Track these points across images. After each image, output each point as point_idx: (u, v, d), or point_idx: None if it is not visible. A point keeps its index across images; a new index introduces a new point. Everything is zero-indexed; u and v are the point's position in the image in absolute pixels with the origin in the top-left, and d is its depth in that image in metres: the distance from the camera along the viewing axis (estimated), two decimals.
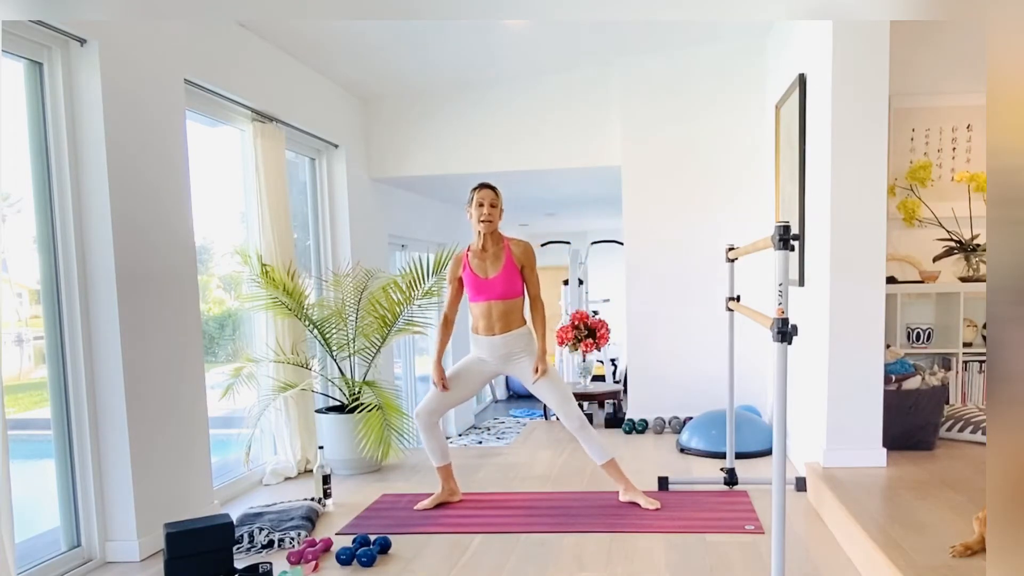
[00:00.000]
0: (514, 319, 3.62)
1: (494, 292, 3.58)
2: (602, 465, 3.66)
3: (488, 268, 3.60)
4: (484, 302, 3.59)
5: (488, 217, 3.55)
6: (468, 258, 3.64)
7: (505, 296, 3.58)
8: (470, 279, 3.61)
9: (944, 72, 4.41)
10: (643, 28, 4.76)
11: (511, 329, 3.61)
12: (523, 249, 3.63)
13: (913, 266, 4.45)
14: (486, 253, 3.62)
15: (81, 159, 3.09)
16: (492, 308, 3.59)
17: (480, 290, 3.59)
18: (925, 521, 2.83)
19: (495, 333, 3.61)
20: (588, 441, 3.61)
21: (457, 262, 3.68)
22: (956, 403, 4.34)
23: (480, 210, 3.55)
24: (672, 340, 5.45)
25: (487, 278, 3.59)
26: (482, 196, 3.56)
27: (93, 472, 3.14)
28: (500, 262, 3.59)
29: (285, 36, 4.42)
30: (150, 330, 3.33)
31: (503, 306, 3.59)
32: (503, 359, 3.64)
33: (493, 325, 3.60)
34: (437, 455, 3.77)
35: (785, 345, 2.22)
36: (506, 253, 3.60)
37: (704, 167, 5.33)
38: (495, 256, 3.61)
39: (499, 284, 3.58)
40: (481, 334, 3.64)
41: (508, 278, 3.58)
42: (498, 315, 3.59)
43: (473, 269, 3.61)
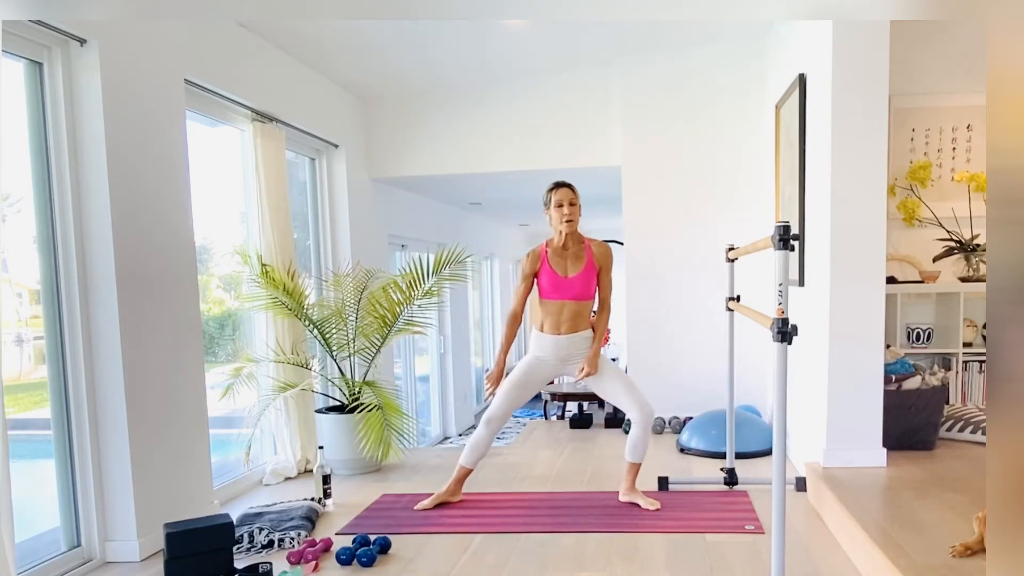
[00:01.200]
0: (582, 321, 3.62)
1: (571, 292, 3.57)
2: (629, 461, 3.66)
3: (568, 267, 3.58)
4: (559, 300, 3.58)
5: (571, 216, 3.53)
6: (547, 255, 3.61)
7: (581, 297, 3.58)
8: (548, 276, 3.58)
9: (944, 72, 4.41)
10: (643, 28, 4.76)
11: (578, 330, 3.61)
12: (604, 251, 3.62)
13: (913, 266, 4.45)
14: (567, 252, 3.60)
15: (81, 159, 3.09)
16: (565, 308, 3.58)
17: (557, 288, 3.57)
18: (925, 521, 2.83)
19: (561, 333, 3.60)
20: (640, 437, 3.59)
21: (536, 257, 3.64)
22: (956, 403, 4.34)
23: (561, 211, 3.53)
24: (672, 340, 5.45)
25: (567, 277, 3.57)
26: (561, 196, 3.53)
27: (93, 472, 3.14)
28: (581, 262, 3.58)
29: (285, 36, 4.42)
30: (150, 330, 3.33)
31: (576, 307, 3.59)
32: (563, 360, 3.64)
33: (561, 324, 3.59)
34: (474, 457, 3.73)
35: (785, 345, 2.22)
36: (587, 253, 3.59)
37: (704, 167, 5.33)
38: (576, 255, 3.59)
39: (577, 284, 3.56)
40: (547, 332, 3.62)
41: (586, 279, 3.57)
42: (568, 315, 3.58)
43: (552, 266, 3.59)
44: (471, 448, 3.72)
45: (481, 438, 3.70)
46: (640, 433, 3.58)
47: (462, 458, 3.76)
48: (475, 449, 3.72)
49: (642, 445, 3.61)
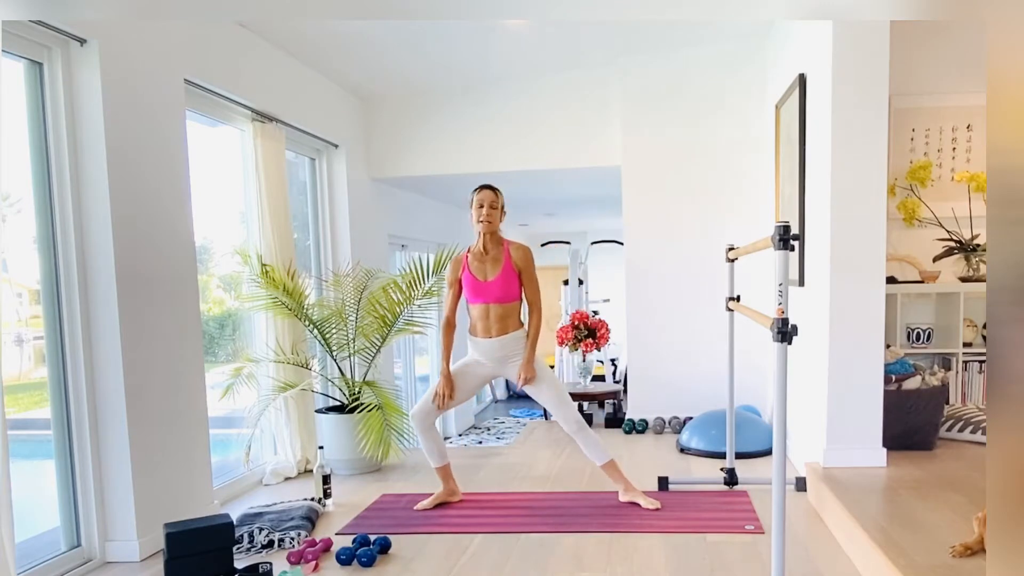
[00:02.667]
0: (511, 322, 3.63)
1: (492, 295, 3.58)
2: (602, 466, 3.66)
3: (488, 271, 3.60)
4: (482, 304, 3.60)
5: (487, 218, 3.55)
6: (468, 260, 3.64)
7: (503, 299, 3.59)
8: (469, 281, 3.61)
9: (944, 72, 4.41)
10: (643, 28, 4.76)
11: (508, 331, 3.61)
12: (522, 254, 3.62)
13: (913, 266, 4.45)
14: (486, 256, 3.62)
15: (81, 159, 3.09)
16: (490, 311, 3.60)
17: (478, 292, 3.59)
18: (925, 521, 2.83)
19: (492, 335, 3.61)
20: (587, 443, 3.61)
21: (457, 264, 3.68)
22: (956, 403, 4.34)
23: (480, 211, 3.56)
24: (672, 340, 5.45)
25: (486, 281, 3.59)
26: (482, 197, 3.56)
27: (93, 472, 3.14)
28: (499, 265, 3.60)
29: (285, 36, 4.42)
30: (150, 330, 3.33)
31: (501, 309, 3.60)
32: (500, 361, 3.65)
33: (491, 327, 3.61)
34: (435, 456, 3.77)
35: (785, 345, 2.22)
36: (505, 256, 3.60)
37: (704, 167, 5.33)
38: (495, 259, 3.61)
39: (497, 287, 3.58)
40: (479, 336, 3.64)
41: (506, 281, 3.58)
42: (496, 318, 3.60)
43: (472, 271, 3.61)
44: (426, 452, 3.77)
45: (424, 439, 3.72)
46: (581, 438, 3.59)
47: (431, 462, 3.79)
48: (429, 451, 3.75)
49: (593, 444, 3.61)
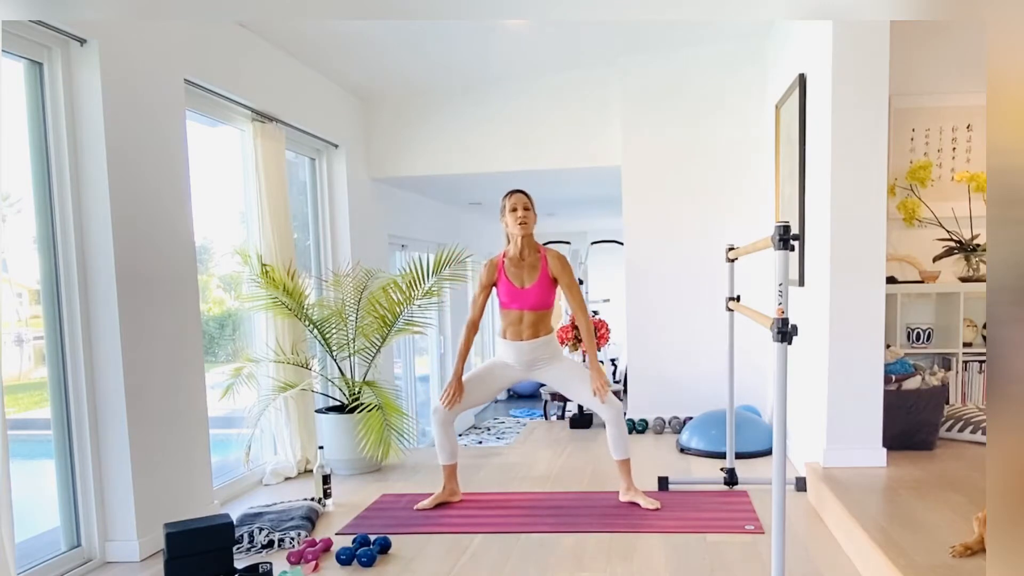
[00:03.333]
0: (543, 327, 3.63)
1: (528, 302, 3.57)
2: (617, 461, 3.66)
3: (524, 278, 3.59)
4: (517, 310, 3.59)
5: (524, 219, 3.54)
6: (504, 265, 3.62)
7: (538, 307, 3.59)
8: (505, 287, 3.60)
9: (944, 72, 4.41)
10: (643, 28, 4.76)
11: (539, 335, 3.61)
12: (559, 262, 3.60)
13: (913, 266, 4.45)
14: (523, 262, 3.61)
15: (81, 159, 3.09)
16: (523, 317, 3.59)
17: (514, 298, 3.58)
18: (925, 521, 2.83)
19: (523, 339, 3.61)
20: (617, 434, 3.59)
21: (492, 267, 3.65)
22: (956, 403, 4.34)
23: (515, 215, 3.54)
24: (672, 340, 5.45)
25: (523, 288, 3.58)
26: (515, 201, 3.55)
27: (93, 472, 3.14)
28: (537, 272, 3.58)
29: (285, 36, 4.42)
30: (150, 330, 3.33)
31: (535, 316, 3.59)
32: (528, 364, 3.64)
33: (522, 332, 3.60)
34: (446, 453, 3.75)
35: (785, 345, 2.22)
36: (543, 264, 3.59)
37: (704, 167, 5.33)
38: (532, 266, 3.60)
39: (534, 295, 3.57)
40: (509, 339, 3.63)
41: (543, 290, 3.57)
42: (528, 323, 3.60)
43: (509, 277, 3.59)
44: (439, 447, 3.75)
45: (438, 434, 3.71)
46: (615, 430, 3.59)
47: (439, 459, 3.78)
48: (442, 447, 3.74)
49: (622, 440, 3.61)
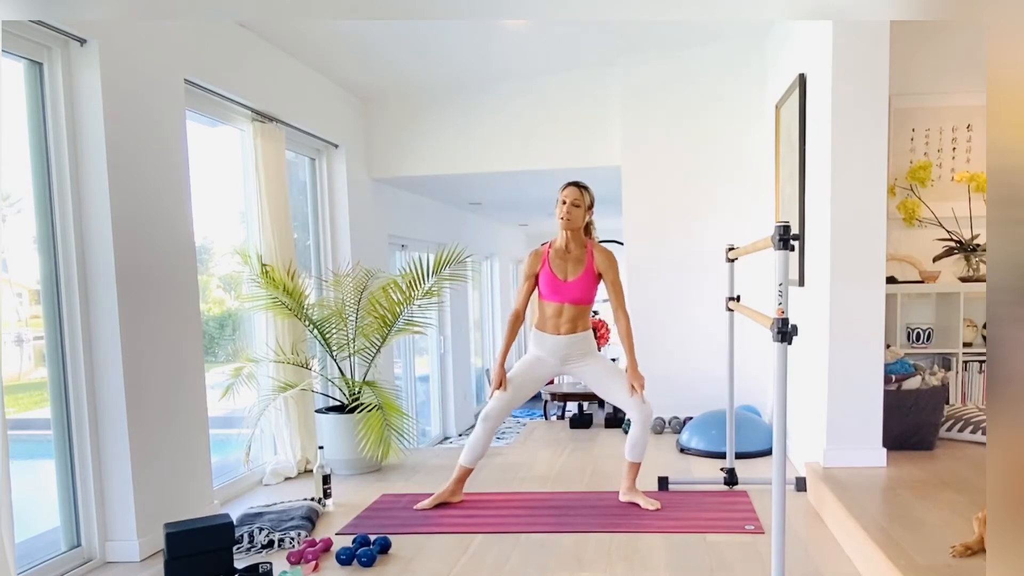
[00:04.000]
0: (581, 323, 3.62)
1: (570, 295, 3.56)
2: (629, 461, 3.66)
3: (569, 270, 3.58)
4: (558, 303, 3.57)
5: (567, 215, 3.53)
6: (549, 255, 3.61)
7: (580, 301, 3.57)
8: (548, 278, 3.58)
9: (944, 72, 4.41)
10: (643, 28, 4.76)
11: (577, 331, 3.60)
12: (606, 257, 3.59)
13: (913, 266, 4.45)
14: (568, 254, 3.60)
15: (81, 159, 3.08)
16: (564, 310, 3.58)
17: (556, 291, 3.57)
18: (925, 521, 2.83)
19: (560, 333, 3.59)
20: (639, 436, 3.58)
21: (537, 257, 3.64)
22: (956, 403, 4.34)
23: (562, 207, 3.54)
24: (672, 340, 5.44)
25: (566, 280, 3.56)
26: (565, 194, 3.55)
27: (93, 472, 3.14)
28: (581, 266, 3.57)
29: (285, 36, 4.42)
30: (150, 330, 3.33)
31: (575, 310, 3.58)
32: (563, 359, 3.64)
33: (560, 325, 3.59)
34: (473, 457, 3.72)
35: (785, 345, 2.22)
36: (588, 258, 3.58)
37: (704, 167, 5.33)
38: (577, 259, 3.58)
39: (577, 288, 3.56)
40: (547, 332, 3.62)
41: (586, 284, 3.57)
42: (568, 317, 3.58)
43: (553, 268, 3.58)
44: (470, 447, 3.72)
45: (479, 436, 3.69)
46: (640, 432, 3.58)
47: (462, 458, 3.75)
48: (473, 448, 3.71)
49: (641, 444, 3.61)
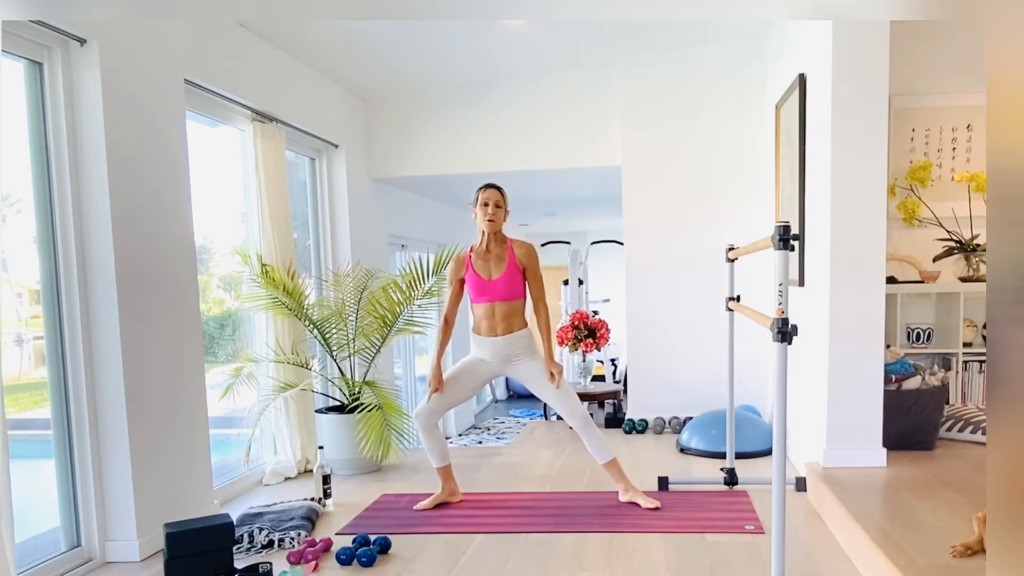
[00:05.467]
0: (516, 321, 3.62)
1: (497, 293, 3.58)
2: (603, 464, 3.66)
3: (492, 269, 3.60)
4: (487, 303, 3.59)
5: (492, 216, 3.55)
6: (471, 259, 3.64)
7: (508, 297, 3.58)
8: (473, 280, 3.61)
9: (944, 72, 4.41)
10: (643, 28, 4.76)
11: (513, 331, 3.61)
12: (526, 251, 3.62)
13: (913, 266, 4.45)
14: (489, 254, 3.62)
15: (81, 159, 3.09)
16: (495, 309, 3.59)
17: (483, 291, 3.59)
18: (925, 521, 2.83)
19: (497, 334, 3.60)
20: (591, 439, 3.61)
21: (459, 262, 3.67)
22: (956, 403, 4.34)
23: (485, 210, 3.56)
24: (672, 340, 5.45)
25: (490, 279, 3.58)
26: (487, 196, 3.56)
27: (93, 472, 3.14)
28: (503, 263, 3.59)
29: (285, 36, 4.42)
30: (150, 330, 3.33)
31: (506, 307, 3.59)
32: (504, 360, 3.64)
33: (496, 326, 3.60)
34: (437, 456, 3.77)
35: (785, 345, 2.22)
36: (509, 254, 3.60)
37: (704, 167, 5.33)
38: (498, 257, 3.61)
39: (502, 286, 3.57)
40: (483, 335, 3.63)
41: (511, 280, 3.58)
42: (501, 316, 3.59)
43: (476, 270, 3.61)
44: (428, 451, 3.77)
45: (425, 438, 3.72)
46: (587, 435, 3.60)
47: (432, 462, 3.79)
48: (430, 449, 3.76)
49: (597, 442, 3.61)
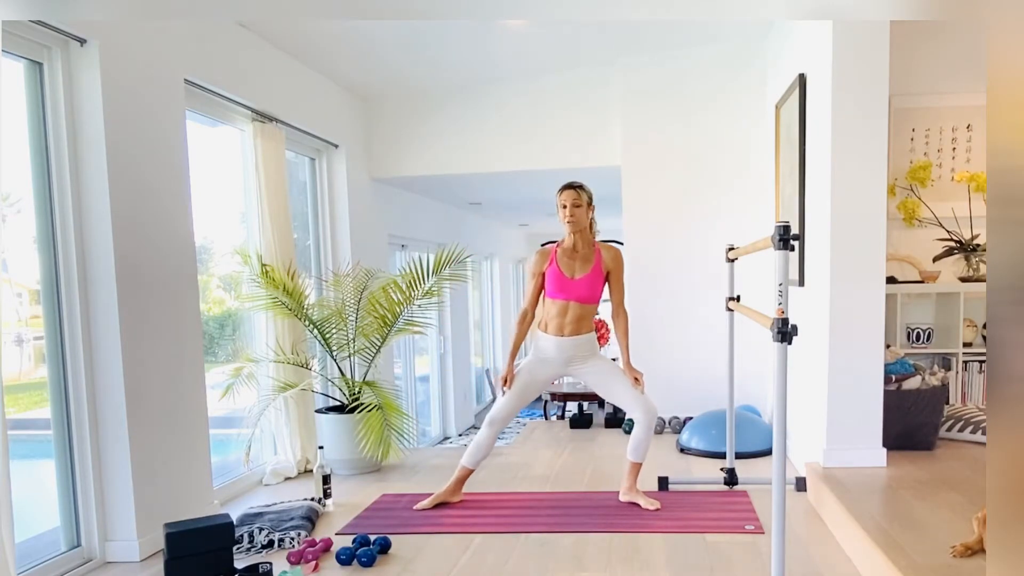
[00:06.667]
0: (585, 324, 3.63)
1: (577, 293, 3.57)
2: (631, 461, 3.66)
3: (576, 268, 3.60)
4: (563, 301, 3.58)
5: (571, 217, 3.56)
6: (557, 255, 3.63)
7: (586, 299, 3.59)
8: (555, 276, 3.60)
9: (944, 72, 4.41)
10: (643, 28, 4.76)
11: (581, 333, 3.61)
12: (614, 255, 3.63)
13: (913, 266, 4.45)
14: (576, 253, 3.62)
15: (81, 159, 3.08)
16: (570, 309, 3.59)
17: (563, 288, 3.58)
18: (925, 521, 2.83)
19: (564, 334, 3.60)
20: (644, 438, 3.59)
21: (544, 256, 3.66)
22: (956, 403, 4.34)
23: (563, 211, 3.57)
24: (672, 340, 5.44)
25: (573, 278, 3.58)
26: (564, 198, 3.58)
27: (93, 472, 3.14)
28: (589, 264, 3.59)
29: (285, 36, 4.42)
30: (150, 330, 3.33)
31: (581, 309, 3.59)
32: (567, 361, 3.64)
33: (565, 326, 3.59)
34: (475, 459, 3.74)
35: (785, 345, 2.22)
36: (596, 256, 3.61)
37: (704, 167, 5.33)
38: (585, 258, 3.61)
39: (584, 286, 3.57)
40: (551, 333, 3.62)
41: (593, 282, 3.58)
42: (573, 317, 3.59)
43: (560, 267, 3.60)
44: (474, 449, 3.73)
45: (484, 439, 3.71)
46: (643, 433, 3.59)
47: (464, 458, 3.76)
48: (478, 450, 3.72)
49: (644, 445, 3.61)
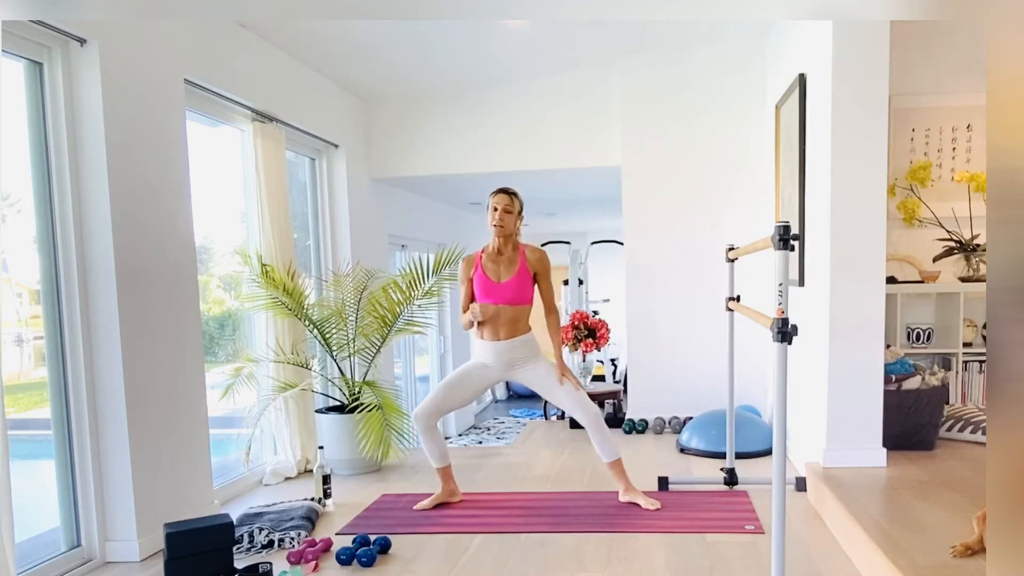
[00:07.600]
0: (520, 326, 3.62)
1: (504, 296, 3.57)
2: (608, 463, 3.66)
3: (501, 272, 3.59)
4: (492, 305, 3.58)
5: (500, 222, 3.55)
6: (481, 260, 3.63)
7: (515, 301, 3.57)
8: (481, 281, 3.60)
9: (944, 72, 4.41)
10: (643, 28, 4.76)
11: (517, 335, 3.61)
12: (538, 257, 3.62)
13: (913, 266, 4.45)
14: (501, 257, 3.62)
15: (81, 159, 3.09)
16: (500, 313, 3.58)
17: (490, 293, 3.58)
18: (925, 521, 2.83)
19: (500, 339, 3.59)
20: (600, 438, 3.60)
21: (469, 263, 3.66)
22: (956, 403, 4.34)
23: (494, 214, 3.56)
24: (672, 340, 5.45)
25: (499, 282, 3.58)
26: (496, 201, 3.57)
27: (93, 472, 3.14)
28: (514, 267, 3.59)
29: (285, 36, 4.42)
30: (150, 330, 3.33)
31: (512, 312, 3.58)
32: (507, 365, 3.64)
33: (499, 330, 3.59)
34: (436, 456, 3.77)
35: (785, 345, 2.22)
36: (521, 259, 3.60)
37: (704, 167, 5.33)
38: (510, 261, 3.60)
39: (510, 289, 3.57)
40: (486, 339, 3.62)
41: (520, 284, 3.57)
42: (505, 320, 3.58)
43: (486, 272, 3.60)
44: (427, 452, 3.77)
45: (425, 439, 3.72)
46: (596, 434, 3.59)
47: (431, 463, 3.78)
48: (427, 450, 3.75)
49: (606, 443, 3.61)
